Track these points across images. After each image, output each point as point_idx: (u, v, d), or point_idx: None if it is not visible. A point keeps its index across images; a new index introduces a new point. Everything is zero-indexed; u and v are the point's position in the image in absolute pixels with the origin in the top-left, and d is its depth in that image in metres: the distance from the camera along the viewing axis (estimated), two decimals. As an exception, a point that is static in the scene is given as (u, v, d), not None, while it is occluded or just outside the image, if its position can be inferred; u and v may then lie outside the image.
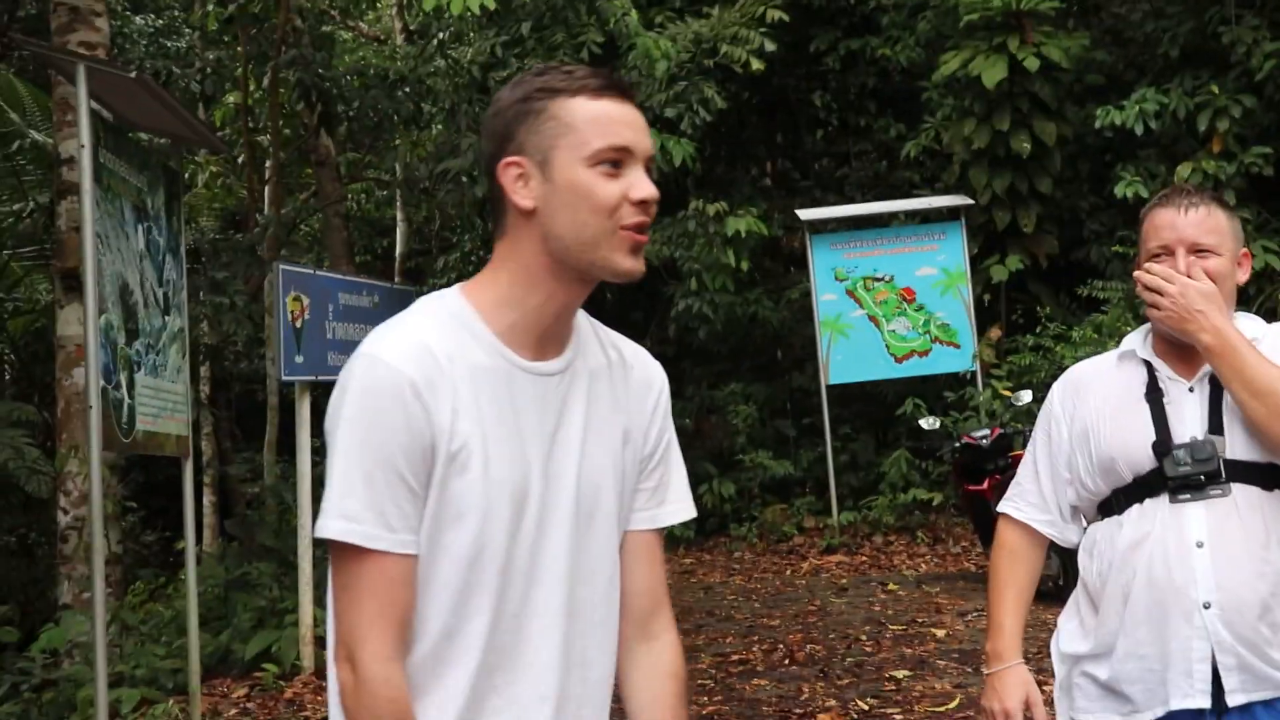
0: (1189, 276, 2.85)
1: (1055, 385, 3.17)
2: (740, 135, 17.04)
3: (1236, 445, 2.87)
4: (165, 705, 7.62)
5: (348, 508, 1.91)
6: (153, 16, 13.81)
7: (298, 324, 9.21)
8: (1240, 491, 2.85)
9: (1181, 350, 2.94)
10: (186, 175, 15.33)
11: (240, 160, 14.69)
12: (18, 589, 10.39)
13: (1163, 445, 2.88)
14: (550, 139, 2.03)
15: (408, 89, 13.67)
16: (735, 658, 8.91)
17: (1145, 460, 2.90)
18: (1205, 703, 2.81)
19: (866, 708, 7.45)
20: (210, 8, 13.85)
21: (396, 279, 17.03)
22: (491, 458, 2.01)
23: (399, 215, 17.28)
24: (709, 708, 7.67)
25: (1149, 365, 3.00)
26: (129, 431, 6.68)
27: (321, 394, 12.17)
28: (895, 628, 9.52)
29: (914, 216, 14.83)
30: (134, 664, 8.22)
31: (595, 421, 2.16)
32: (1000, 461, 10.38)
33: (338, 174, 12.74)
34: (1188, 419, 2.91)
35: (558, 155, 2.03)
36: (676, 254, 14.01)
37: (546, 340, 2.10)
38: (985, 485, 10.38)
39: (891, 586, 11.23)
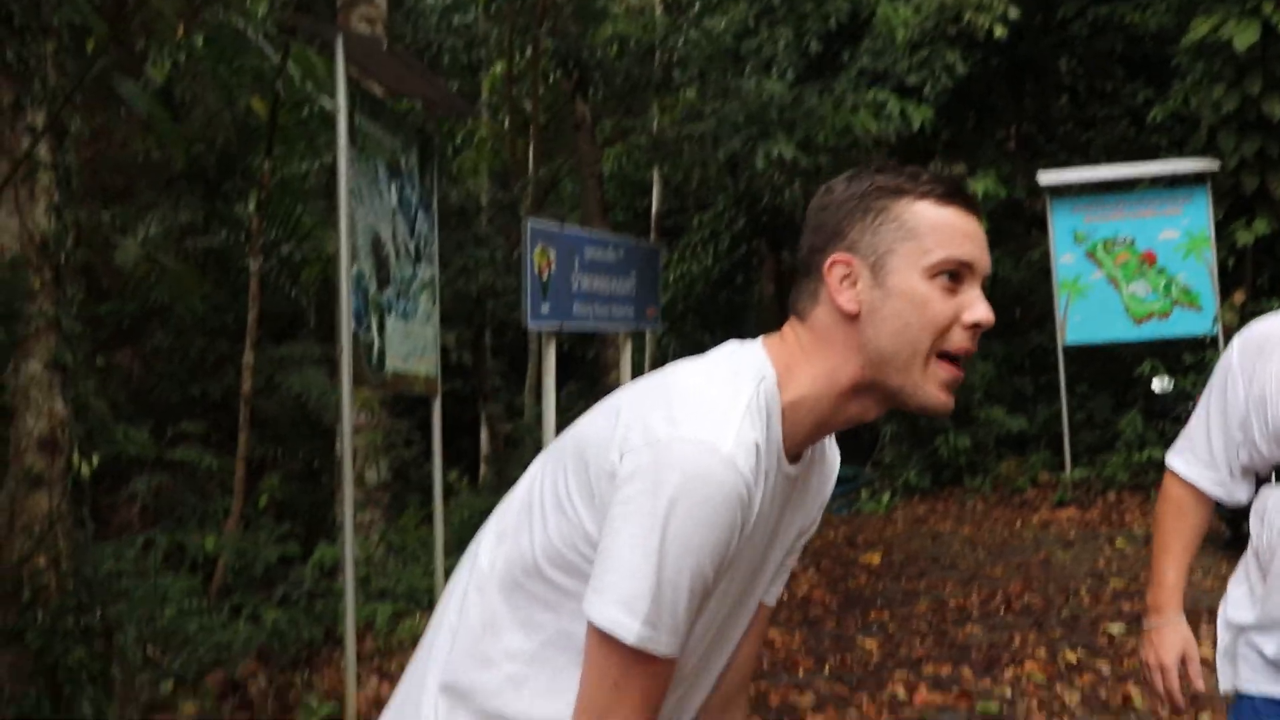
0: None
1: (1236, 340, 2.89)
2: (985, 100, 16.59)
3: None
4: (415, 619, 7.85)
5: (646, 611, 1.63)
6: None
7: (544, 276, 9.33)
8: None
9: None
10: (459, 140, 15.72)
11: (505, 125, 14.96)
12: (304, 510, 10.82)
13: None
14: (889, 241, 1.78)
15: (660, 57, 13.72)
16: (952, 604, 8.76)
17: None
18: None
19: (1075, 660, 7.24)
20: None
21: (652, 235, 17.14)
22: (740, 562, 1.81)
23: (655, 176, 17.36)
24: (918, 650, 7.56)
25: None
26: (379, 370, 6.88)
27: (567, 340, 12.29)
28: (1117, 583, 9.23)
29: (1159, 181, 14.22)
30: (395, 580, 8.52)
31: (794, 515, 1.95)
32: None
33: (593, 137, 12.83)
34: None
35: (894, 260, 1.78)
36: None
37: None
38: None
39: (1119, 543, 10.85)
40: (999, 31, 13.24)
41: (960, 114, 16.37)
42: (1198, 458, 2.91)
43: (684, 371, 1.80)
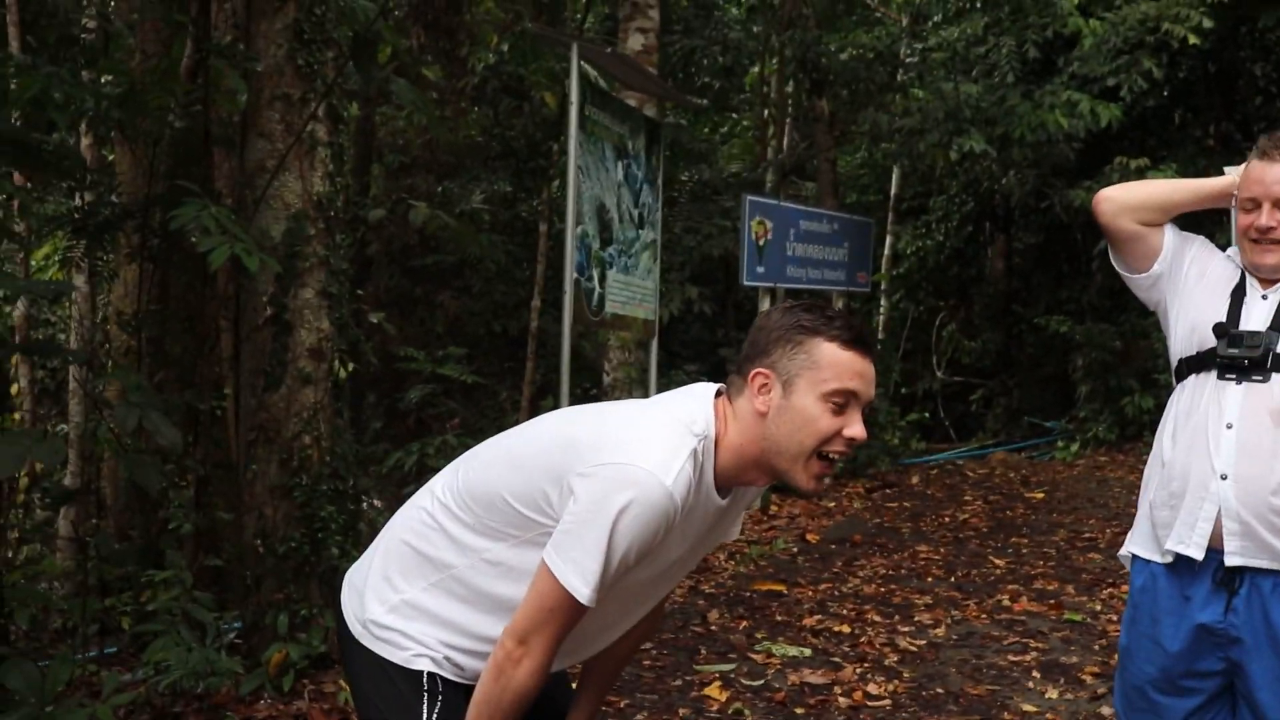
0: (1273, 226, 2.78)
1: (1197, 239, 3.05)
2: (1187, 102, 15.89)
3: None
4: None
5: (590, 573, 1.98)
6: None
7: (760, 242, 9.64)
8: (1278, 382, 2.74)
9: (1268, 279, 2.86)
10: (725, 129, 16.05)
11: (765, 116, 15.24)
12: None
13: (1221, 330, 2.80)
14: (798, 367, 2.07)
15: (897, 61, 13.72)
16: (1086, 535, 8.66)
17: (1209, 336, 2.82)
18: (1198, 555, 2.74)
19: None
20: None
21: (890, 215, 17.19)
22: (660, 556, 2.13)
23: (895, 164, 17.32)
24: (1039, 569, 7.58)
25: (1242, 271, 2.89)
26: (598, 312, 7.38)
27: (781, 298, 12.53)
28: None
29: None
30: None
31: (717, 531, 2.28)
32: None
33: (829, 129, 12.96)
34: (1255, 318, 2.81)
35: (800, 382, 2.06)
36: (1107, 204, 13.38)
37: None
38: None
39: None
40: (1193, 40, 12.74)
41: (1161, 114, 15.75)
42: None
43: (657, 412, 2.14)
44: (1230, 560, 2.71)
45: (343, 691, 4.62)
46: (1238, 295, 2.84)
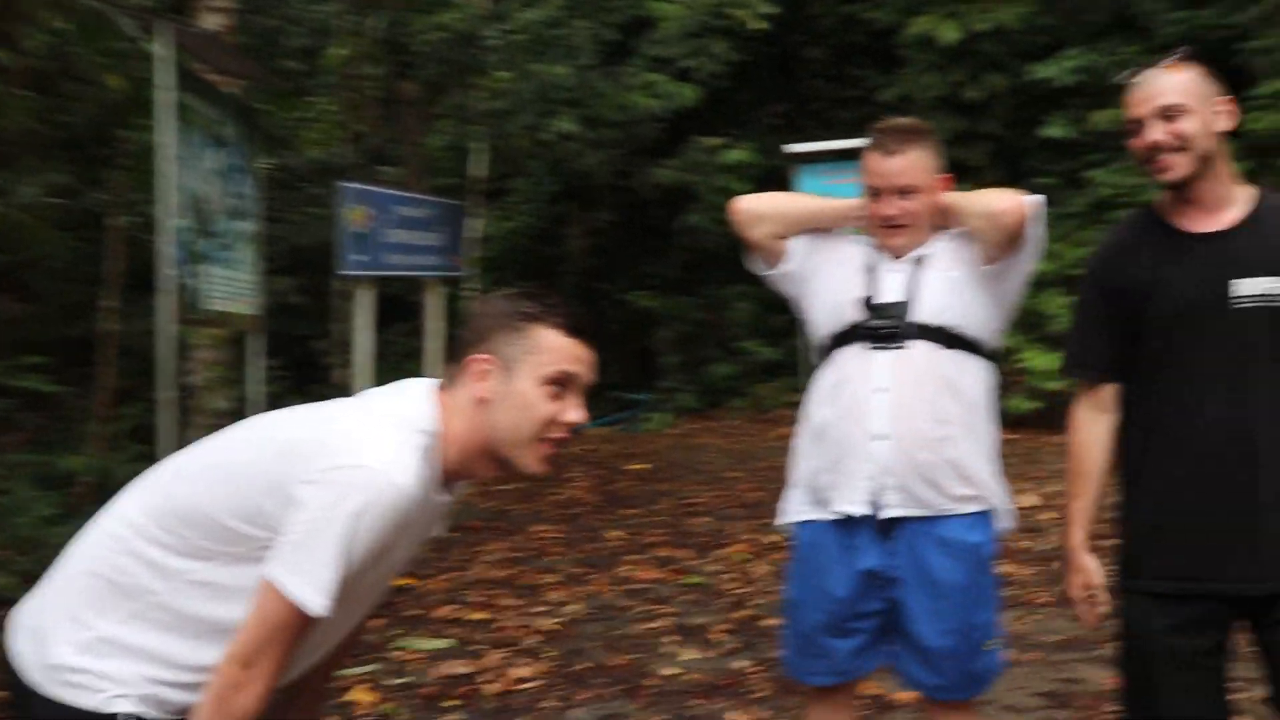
0: (896, 215, 3.05)
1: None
2: (753, 82, 17.01)
3: (922, 310, 3.00)
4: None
5: (324, 583, 1.91)
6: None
7: (360, 229, 9.51)
8: (920, 347, 2.98)
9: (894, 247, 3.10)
10: (307, 114, 15.61)
11: (347, 103, 14.96)
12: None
13: (865, 304, 3.03)
14: (519, 353, 2.08)
15: (480, 43, 13.85)
16: (691, 501, 9.18)
17: (852, 312, 3.05)
18: (865, 510, 2.98)
19: (772, 540, 7.61)
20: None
21: (472, 197, 17.33)
22: (391, 557, 2.09)
23: (478, 146, 17.49)
24: (653, 538, 7.97)
25: (872, 249, 3.13)
26: (197, 308, 7.07)
27: (391, 285, 12.39)
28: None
29: (887, 151, 14.77)
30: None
31: (433, 529, 2.25)
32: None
33: (416, 112, 12.94)
34: (890, 289, 3.05)
35: (520, 367, 2.08)
36: (688, 179, 14.16)
37: None
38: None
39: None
40: (756, 25, 13.61)
41: (734, 95, 16.79)
42: None
43: (380, 412, 2.08)
44: (890, 513, 2.98)
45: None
46: (871, 271, 3.10)
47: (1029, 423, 11.00)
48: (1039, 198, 3.06)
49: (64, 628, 2.06)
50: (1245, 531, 2.63)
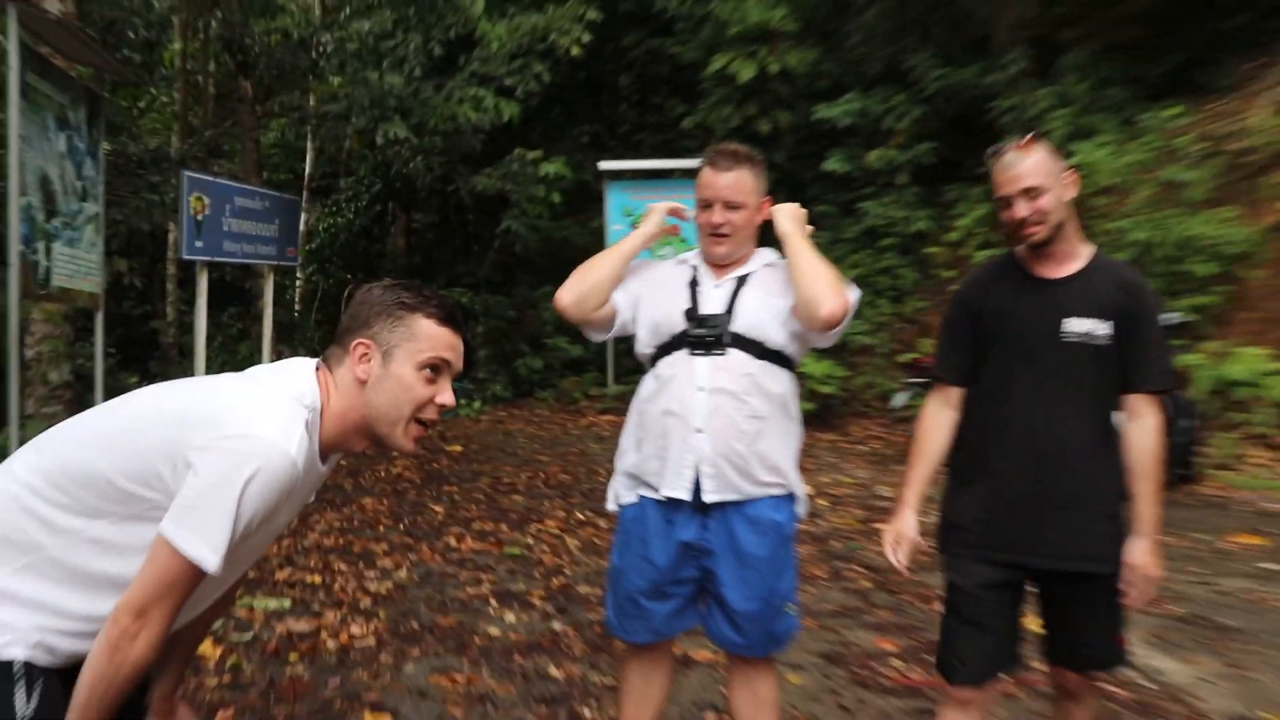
0: (722, 224, 3.18)
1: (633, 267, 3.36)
2: (568, 104, 17.16)
3: (739, 323, 3.14)
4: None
5: (218, 543, 1.92)
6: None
7: (199, 217, 9.23)
8: (736, 354, 3.12)
9: (720, 267, 3.24)
10: (143, 103, 15.05)
11: (183, 95, 14.47)
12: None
13: (690, 315, 3.16)
14: (398, 339, 2.12)
15: (315, 48, 13.57)
16: (506, 481, 9.22)
17: (678, 323, 3.17)
18: (686, 495, 3.11)
19: (583, 517, 7.82)
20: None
21: (304, 193, 16.93)
22: (274, 521, 2.10)
23: (309, 145, 17.15)
24: (472, 513, 7.99)
25: (695, 269, 3.26)
26: (45, 285, 6.77)
27: (223, 270, 12.04)
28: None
29: (688, 172, 15.10)
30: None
31: (310, 496, 2.29)
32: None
33: (253, 110, 12.61)
34: (712, 303, 3.18)
35: (398, 353, 2.12)
36: (507, 188, 14.18)
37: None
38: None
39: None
40: (575, 51, 13.73)
41: (548, 113, 16.89)
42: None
43: (266, 386, 2.10)
44: (708, 498, 3.13)
45: None
46: (693, 286, 3.24)
47: (806, 422, 11.39)
48: (857, 295, 3.24)
49: None
50: (1042, 521, 3.00)
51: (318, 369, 2.19)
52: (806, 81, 14.91)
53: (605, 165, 14.59)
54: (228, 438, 1.96)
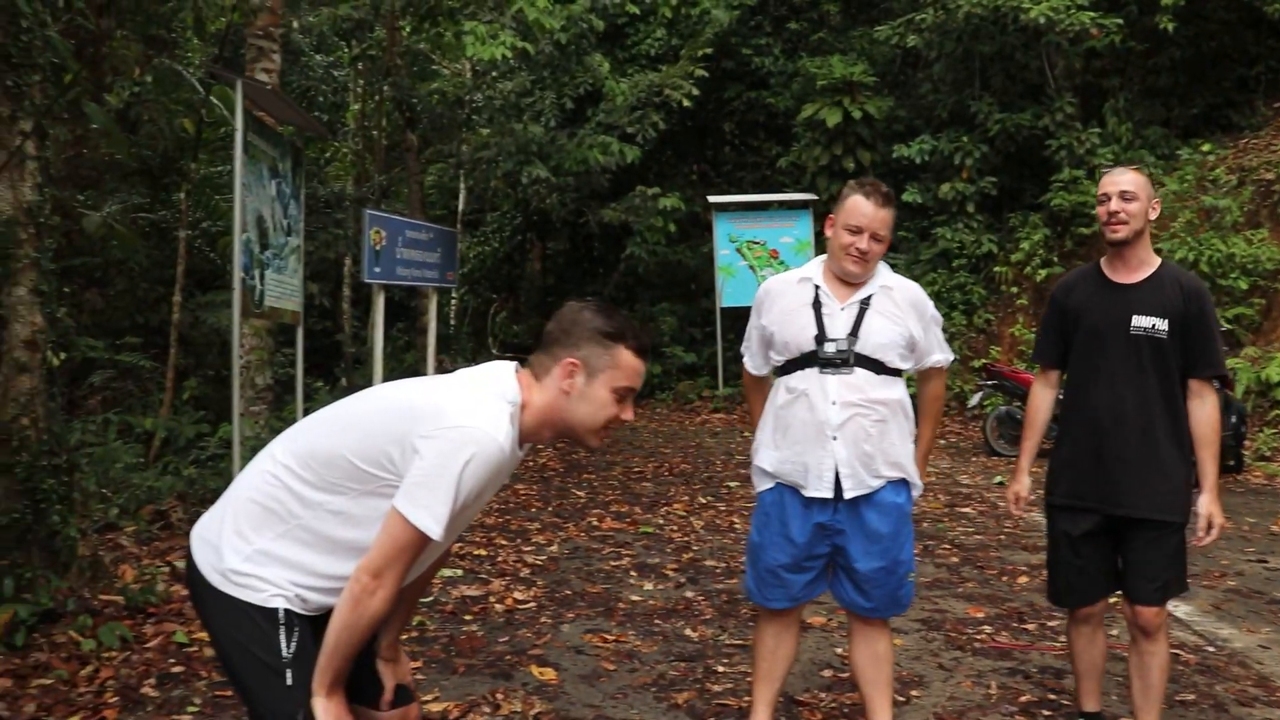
0: (867, 251, 3.08)
1: (759, 289, 3.32)
2: (677, 146, 17.17)
3: (863, 345, 3.08)
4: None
5: (441, 514, 1.97)
6: (324, 55, 13.85)
7: (378, 247, 9.47)
8: (861, 372, 3.09)
9: (843, 284, 3.15)
10: (329, 155, 15.44)
11: (359, 146, 14.83)
12: (215, 402, 10.63)
13: (819, 338, 3.10)
14: (602, 365, 2.15)
15: (467, 105, 13.81)
16: (636, 470, 9.22)
17: (808, 344, 3.11)
18: (829, 494, 3.09)
19: (705, 501, 7.79)
20: (348, 50, 13.89)
21: (458, 225, 17.19)
22: (483, 497, 2.14)
23: (461, 186, 17.41)
24: (610, 496, 8.02)
25: (817, 287, 3.17)
26: (260, 305, 7.00)
27: (393, 291, 12.23)
28: (740, 457, 9.83)
29: (783, 204, 15.02)
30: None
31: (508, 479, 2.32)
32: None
33: (417, 157, 12.86)
34: (838, 326, 3.11)
35: (601, 376, 2.15)
36: (629, 219, 14.24)
37: None
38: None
39: (746, 434, 11.54)
40: (685, 102, 13.76)
41: (662, 154, 16.91)
42: (752, 356, 3.37)
43: (478, 384, 2.13)
44: (847, 495, 3.10)
45: (86, 641, 4.19)
46: (817, 309, 3.14)
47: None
48: (951, 358, 3.37)
49: (232, 541, 2.13)
50: (1112, 478, 3.21)
51: (517, 371, 2.21)
52: (884, 125, 14.71)
53: (714, 199, 14.56)
54: (449, 428, 2.01)
